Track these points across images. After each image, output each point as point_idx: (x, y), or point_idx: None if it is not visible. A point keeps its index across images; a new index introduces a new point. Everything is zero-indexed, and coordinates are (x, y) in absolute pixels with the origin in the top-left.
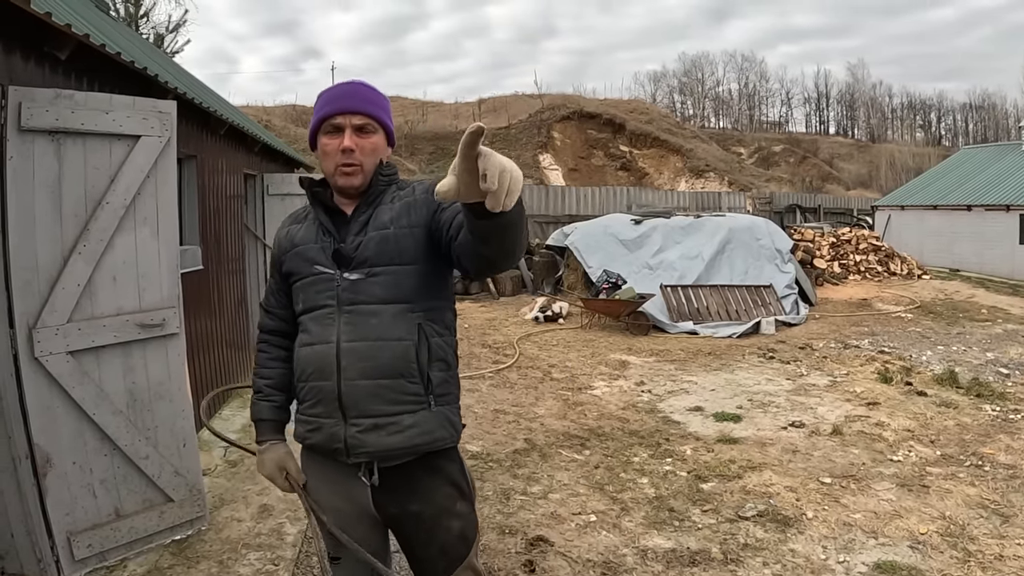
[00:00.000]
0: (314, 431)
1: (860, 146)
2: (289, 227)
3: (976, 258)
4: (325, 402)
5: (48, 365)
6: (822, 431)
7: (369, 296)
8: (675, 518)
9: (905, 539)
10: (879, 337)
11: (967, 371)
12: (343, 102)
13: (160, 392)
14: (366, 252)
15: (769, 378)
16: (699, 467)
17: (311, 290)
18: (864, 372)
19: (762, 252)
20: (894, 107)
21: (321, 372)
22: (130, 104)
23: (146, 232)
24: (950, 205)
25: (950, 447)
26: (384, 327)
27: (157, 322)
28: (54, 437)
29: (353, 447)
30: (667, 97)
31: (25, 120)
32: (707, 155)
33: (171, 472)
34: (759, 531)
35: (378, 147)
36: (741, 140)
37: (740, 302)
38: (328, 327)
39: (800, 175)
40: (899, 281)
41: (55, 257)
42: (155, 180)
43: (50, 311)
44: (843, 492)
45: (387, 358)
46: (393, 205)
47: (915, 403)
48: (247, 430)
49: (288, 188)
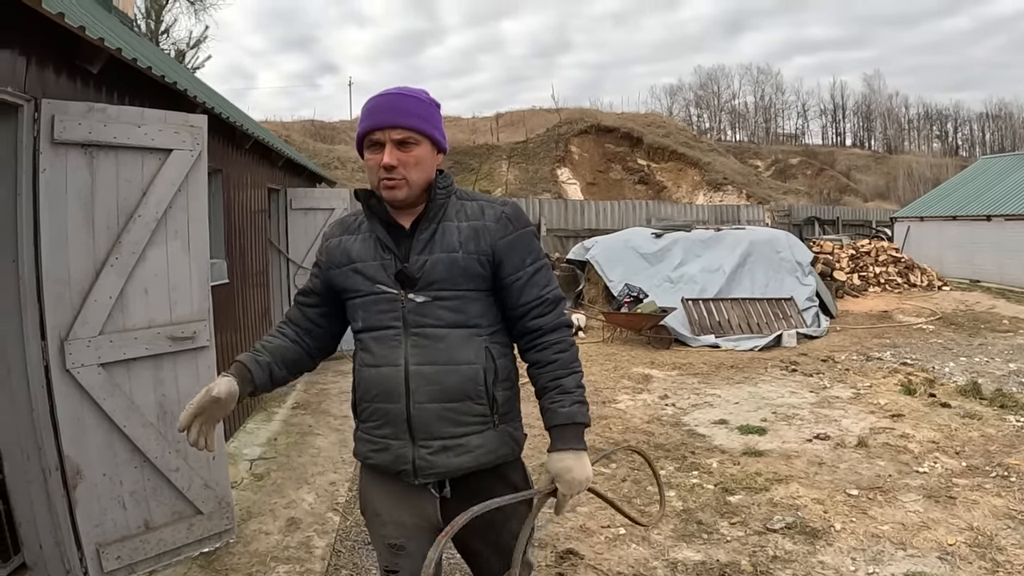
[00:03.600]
0: (380, 451)
1: (877, 157)
2: (341, 237)
3: (996, 269)
4: (393, 424)
5: (79, 377)
6: (847, 443)
7: (436, 319)
8: (703, 531)
9: (933, 550)
10: (901, 349)
11: (990, 382)
12: (380, 116)
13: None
14: (433, 274)
15: (792, 391)
16: (726, 480)
17: (372, 309)
18: (887, 384)
19: (783, 265)
20: (910, 118)
21: (389, 394)
22: (162, 118)
23: (177, 245)
24: (970, 216)
25: (975, 458)
26: (453, 351)
27: (188, 335)
28: (84, 449)
29: (421, 468)
30: (683, 110)
31: (58, 133)
32: (725, 168)
33: (200, 484)
34: (788, 543)
35: (423, 159)
36: (758, 153)
37: (761, 315)
38: (394, 349)
39: (818, 187)
40: (919, 293)
41: (87, 269)
42: (186, 194)
43: (82, 323)
44: (870, 504)
45: (456, 382)
46: (459, 224)
47: (939, 415)
48: (271, 443)
49: (312, 203)
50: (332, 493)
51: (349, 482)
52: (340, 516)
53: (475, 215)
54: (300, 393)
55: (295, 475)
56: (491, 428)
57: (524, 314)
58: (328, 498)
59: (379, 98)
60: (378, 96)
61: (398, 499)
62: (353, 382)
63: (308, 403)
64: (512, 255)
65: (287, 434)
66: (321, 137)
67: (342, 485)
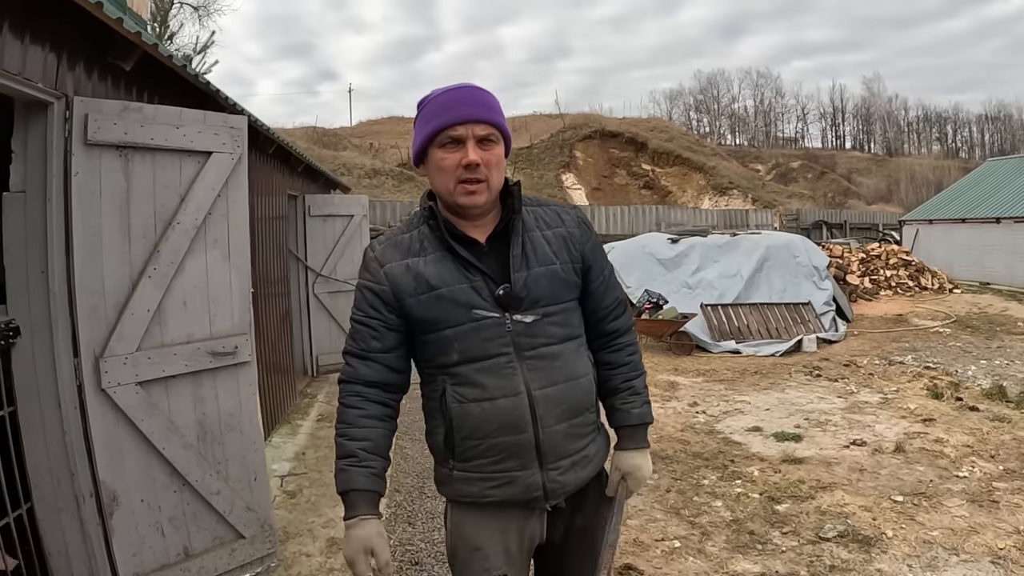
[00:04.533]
0: (502, 486)
1: (877, 160)
2: (407, 261)
3: (1007, 271)
4: (519, 455)
5: (116, 397)
6: (884, 449)
7: (549, 337)
8: (757, 541)
9: (985, 554)
10: (921, 353)
11: (1014, 385)
12: (463, 110)
13: (231, 424)
14: (538, 291)
15: (821, 396)
16: (770, 488)
17: (473, 338)
18: (913, 388)
19: (799, 269)
20: (910, 120)
21: (512, 426)
22: (200, 119)
23: (217, 254)
24: (979, 218)
25: (1011, 461)
26: (569, 366)
27: (229, 350)
28: (121, 473)
29: (553, 491)
30: (683, 115)
31: (92, 134)
32: (729, 172)
33: (242, 507)
34: (843, 552)
35: (501, 160)
36: (758, 157)
37: (780, 320)
38: (509, 378)
39: (820, 190)
40: (931, 296)
41: (123, 281)
42: (226, 199)
43: (118, 339)
44: (916, 510)
45: (577, 396)
46: (544, 233)
47: (969, 418)
48: (300, 458)
49: (331, 209)
50: None
51: (386, 498)
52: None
53: (554, 222)
54: (323, 404)
55: (329, 491)
56: (599, 432)
57: (604, 316)
58: None
59: (454, 91)
60: (450, 90)
61: (502, 527)
62: (442, 419)
63: (332, 415)
64: (596, 259)
65: (315, 448)
66: (324, 144)
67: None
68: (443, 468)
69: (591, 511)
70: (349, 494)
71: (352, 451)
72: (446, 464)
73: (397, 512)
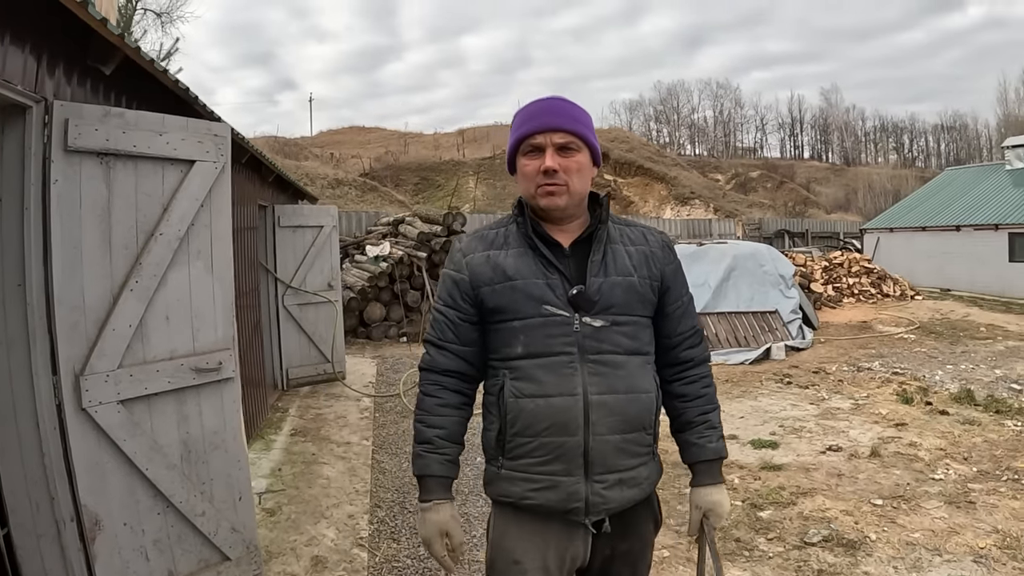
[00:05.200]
0: (544, 490)
1: (835, 170)
2: (488, 252)
3: (967, 277)
4: (566, 459)
5: (97, 416)
6: (860, 454)
7: (615, 345)
8: (744, 548)
9: (967, 554)
10: (888, 359)
11: (980, 388)
12: (543, 119)
13: (215, 442)
14: (612, 298)
15: (793, 403)
16: (751, 495)
17: (539, 333)
18: (883, 394)
19: (766, 278)
20: (867, 130)
21: (563, 427)
22: (184, 126)
23: (200, 267)
24: (939, 226)
25: (984, 463)
26: (633, 379)
27: (213, 366)
28: (103, 496)
29: (594, 504)
30: (644, 125)
31: (72, 140)
32: (690, 182)
33: (228, 528)
34: (829, 556)
35: (584, 167)
36: (718, 167)
37: (748, 328)
38: (569, 377)
39: (780, 200)
40: (893, 302)
41: (104, 294)
42: (209, 210)
43: (99, 355)
44: (896, 512)
45: (636, 411)
46: (627, 248)
47: (939, 422)
48: (276, 474)
49: (301, 220)
50: (353, 527)
51: (368, 514)
52: (367, 552)
53: (639, 240)
54: (295, 419)
55: (309, 508)
56: (652, 458)
57: (678, 344)
58: (350, 533)
59: (538, 103)
60: (536, 102)
61: (543, 542)
62: (498, 414)
63: (306, 429)
64: (676, 283)
65: (291, 464)
66: (286, 153)
67: (361, 518)
68: (492, 466)
69: (636, 538)
70: (425, 479)
71: (429, 438)
72: (496, 462)
73: (380, 528)
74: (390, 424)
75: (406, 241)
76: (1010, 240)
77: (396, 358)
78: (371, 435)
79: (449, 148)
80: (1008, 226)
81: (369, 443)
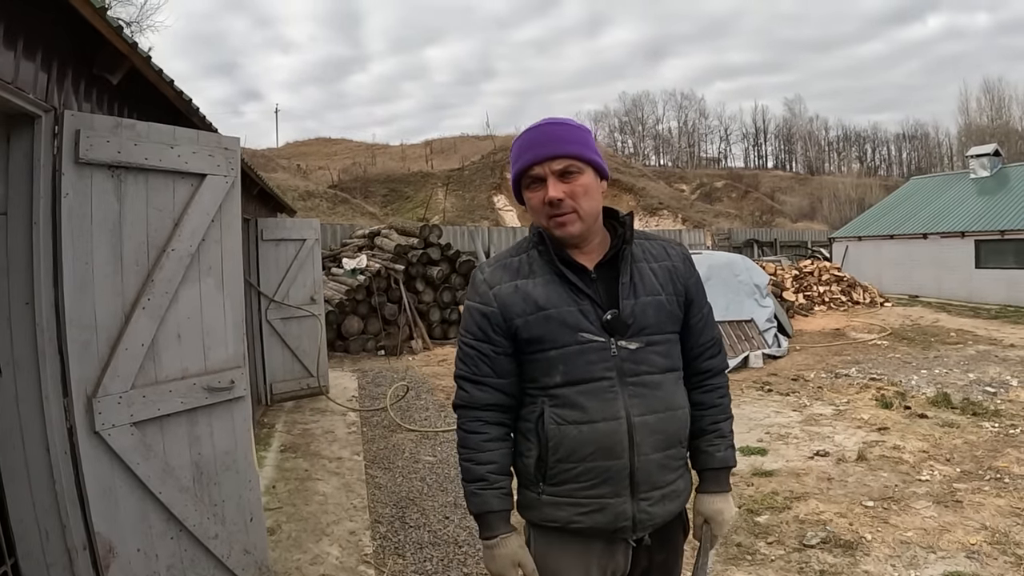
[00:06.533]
0: (593, 512)
1: (799, 179)
2: (515, 282)
3: (935, 284)
4: (613, 481)
5: (110, 440)
6: (847, 458)
7: (652, 366)
8: (745, 553)
9: (960, 550)
10: (864, 365)
11: (956, 392)
12: (537, 150)
13: (227, 463)
14: (645, 320)
15: (776, 410)
16: (746, 501)
17: (579, 361)
18: (863, 399)
19: (741, 288)
20: (831, 140)
21: (609, 451)
22: (194, 138)
23: (211, 283)
24: (907, 234)
25: (966, 463)
26: (669, 397)
27: (225, 384)
28: (116, 522)
29: (642, 521)
30: (609, 136)
31: (83, 152)
32: (658, 193)
33: (240, 551)
34: (829, 557)
35: (590, 187)
36: (683, 177)
37: (725, 337)
38: (611, 402)
39: (745, 209)
40: (863, 310)
41: (116, 313)
42: (220, 224)
43: (112, 376)
44: (888, 513)
45: (675, 428)
46: (651, 265)
47: (920, 425)
48: (271, 492)
49: (283, 233)
50: (356, 544)
51: (369, 530)
52: (375, 569)
53: (661, 255)
54: (283, 434)
55: (309, 526)
56: (687, 470)
57: (701, 354)
58: (354, 550)
59: (530, 132)
60: (528, 131)
61: (585, 560)
62: (536, 441)
63: (296, 445)
64: (698, 295)
65: (285, 480)
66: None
67: (363, 534)
68: (530, 492)
69: (671, 548)
70: (485, 516)
71: (481, 475)
72: (535, 488)
73: (384, 544)
74: (379, 438)
75: (383, 254)
76: (976, 247)
77: (376, 371)
78: (362, 450)
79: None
80: (974, 233)
81: (361, 458)
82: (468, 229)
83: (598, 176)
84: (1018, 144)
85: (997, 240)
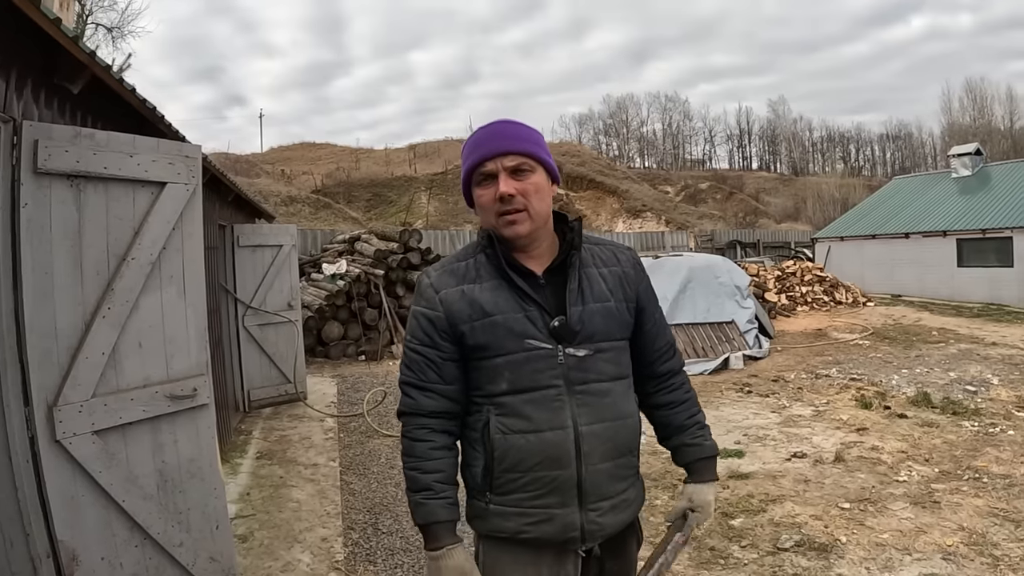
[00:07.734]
0: (541, 523)
1: (784, 180)
2: (461, 287)
3: (917, 283)
4: (560, 491)
5: (72, 448)
6: (825, 459)
7: (599, 374)
8: (718, 556)
9: (936, 552)
10: (845, 365)
11: (936, 391)
12: (490, 145)
13: (191, 470)
14: (593, 327)
15: (755, 412)
16: (721, 504)
17: (525, 368)
18: (843, 400)
19: (722, 289)
20: (814, 140)
21: (555, 461)
22: (154, 147)
23: (172, 291)
24: (889, 234)
25: (945, 463)
26: (618, 405)
27: (188, 392)
28: (79, 530)
29: (591, 532)
30: (593, 139)
31: (42, 161)
32: (642, 195)
33: (206, 559)
34: (803, 560)
35: (541, 187)
36: (668, 179)
37: (706, 339)
38: (558, 411)
39: (730, 210)
40: (846, 309)
41: (76, 322)
42: (181, 232)
43: (72, 385)
44: (864, 515)
45: (624, 437)
46: (600, 270)
47: (899, 425)
48: (245, 499)
49: (260, 239)
50: (328, 550)
51: (342, 537)
52: None
53: (611, 260)
54: (259, 441)
55: (281, 533)
56: (638, 479)
57: (658, 358)
58: (325, 556)
59: (483, 130)
60: (480, 129)
61: (536, 570)
62: (483, 450)
63: (272, 452)
64: (649, 301)
65: (259, 488)
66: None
67: (335, 541)
68: (478, 502)
69: (623, 558)
70: (431, 526)
71: (427, 484)
72: (482, 498)
73: (355, 551)
74: (356, 444)
75: (362, 259)
76: (958, 246)
77: (356, 377)
78: (338, 456)
79: (400, 164)
80: (956, 232)
81: (336, 464)
82: (450, 233)
83: (549, 179)
84: (1001, 143)
85: (978, 239)
